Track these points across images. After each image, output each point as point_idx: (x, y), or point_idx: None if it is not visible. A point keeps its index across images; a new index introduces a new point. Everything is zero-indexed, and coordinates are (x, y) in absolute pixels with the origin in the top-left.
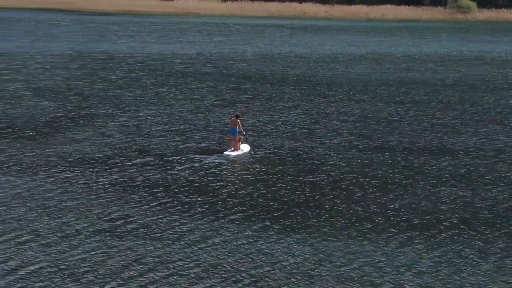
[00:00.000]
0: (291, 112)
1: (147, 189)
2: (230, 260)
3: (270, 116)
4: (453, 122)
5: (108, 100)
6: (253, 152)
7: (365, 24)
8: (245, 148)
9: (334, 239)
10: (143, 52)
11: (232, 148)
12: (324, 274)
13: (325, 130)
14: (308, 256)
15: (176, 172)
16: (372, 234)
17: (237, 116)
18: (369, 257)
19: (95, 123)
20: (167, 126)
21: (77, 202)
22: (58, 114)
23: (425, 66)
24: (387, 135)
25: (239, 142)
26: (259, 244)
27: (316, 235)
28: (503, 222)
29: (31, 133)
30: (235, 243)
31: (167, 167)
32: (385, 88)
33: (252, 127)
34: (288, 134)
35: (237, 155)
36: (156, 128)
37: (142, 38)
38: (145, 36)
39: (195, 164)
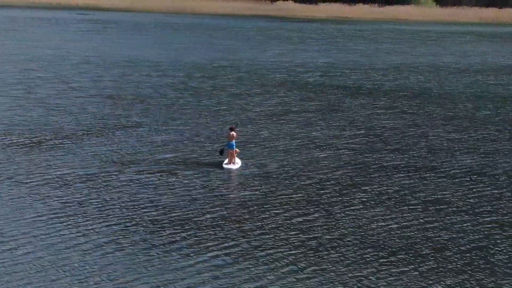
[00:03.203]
0: (330, 124)
1: (131, 203)
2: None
3: (305, 128)
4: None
5: (158, 109)
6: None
7: None
8: (239, 161)
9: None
10: (272, 60)
11: (227, 161)
12: None
13: (346, 145)
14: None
15: (163, 184)
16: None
17: (231, 129)
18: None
19: (116, 133)
20: (186, 136)
21: (69, 216)
22: (90, 122)
23: None
24: (403, 153)
25: (235, 154)
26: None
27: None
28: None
29: (38, 141)
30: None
31: (159, 179)
32: (455, 101)
33: (274, 139)
34: (304, 147)
35: (233, 168)
36: (174, 138)
37: (298, 46)
38: (306, 44)
39: (187, 177)
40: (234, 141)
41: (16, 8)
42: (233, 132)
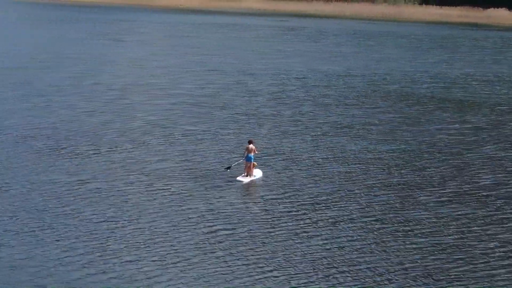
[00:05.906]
0: (382, 138)
1: (147, 212)
2: None
3: (352, 141)
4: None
5: (228, 118)
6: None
7: None
8: (257, 173)
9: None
10: (407, 70)
11: (245, 174)
12: None
13: (376, 160)
14: None
15: (179, 196)
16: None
17: (250, 142)
18: None
19: (156, 141)
20: (223, 147)
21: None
22: (147, 129)
23: None
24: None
25: (253, 167)
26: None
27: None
28: None
29: (68, 146)
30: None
31: (172, 190)
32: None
33: (310, 152)
34: (334, 162)
35: (249, 181)
36: (209, 148)
37: (455, 56)
38: (467, 54)
39: (203, 189)
40: (252, 154)
41: (225, 14)
42: (251, 145)
